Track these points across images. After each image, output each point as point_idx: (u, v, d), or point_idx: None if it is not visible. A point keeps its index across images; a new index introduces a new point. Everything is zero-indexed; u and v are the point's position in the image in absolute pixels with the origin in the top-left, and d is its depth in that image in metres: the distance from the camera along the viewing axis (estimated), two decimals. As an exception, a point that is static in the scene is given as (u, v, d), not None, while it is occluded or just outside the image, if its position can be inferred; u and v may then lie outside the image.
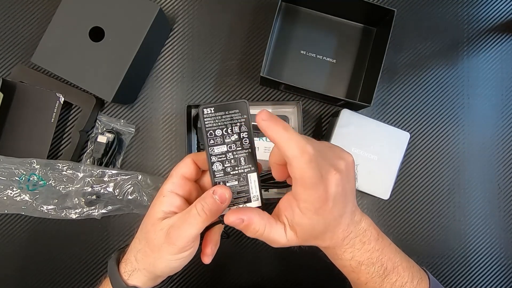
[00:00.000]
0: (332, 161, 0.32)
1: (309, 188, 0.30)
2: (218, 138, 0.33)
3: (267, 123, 0.30)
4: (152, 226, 0.34)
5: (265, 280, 0.57)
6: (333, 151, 0.34)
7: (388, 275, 0.36)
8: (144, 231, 0.35)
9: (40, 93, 0.54)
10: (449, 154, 0.59)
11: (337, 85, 0.58)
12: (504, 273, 0.58)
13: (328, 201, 0.31)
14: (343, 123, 0.53)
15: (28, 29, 0.59)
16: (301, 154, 0.29)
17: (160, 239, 0.33)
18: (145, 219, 0.36)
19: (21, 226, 0.57)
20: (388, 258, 0.36)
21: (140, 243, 0.36)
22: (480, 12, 0.61)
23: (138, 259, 0.36)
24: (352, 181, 0.34)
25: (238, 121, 0.33)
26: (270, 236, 0.33)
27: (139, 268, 0.36)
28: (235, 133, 0.33)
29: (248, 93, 0.59)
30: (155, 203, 0.35)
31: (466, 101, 0.60)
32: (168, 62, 0.59)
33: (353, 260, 0.35)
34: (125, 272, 0.36)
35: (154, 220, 0.34)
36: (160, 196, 0.35)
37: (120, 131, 0.58)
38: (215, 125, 0.33)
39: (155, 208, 0.35)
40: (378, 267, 0.35)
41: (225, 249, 0.57)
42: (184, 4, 0.59)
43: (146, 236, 0.35)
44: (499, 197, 0.59)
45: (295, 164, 0.29)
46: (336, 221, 0.33)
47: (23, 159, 0.53)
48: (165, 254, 0.34)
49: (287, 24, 0.58)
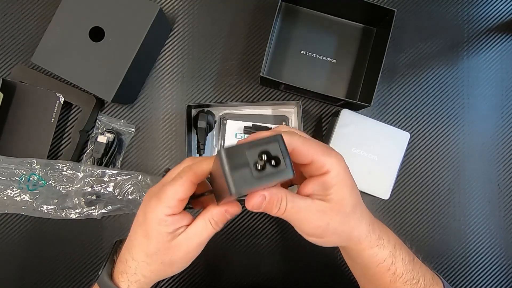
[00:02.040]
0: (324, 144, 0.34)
1: (326, 154, 0.30)
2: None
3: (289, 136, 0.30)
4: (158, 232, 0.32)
5: (265, 280, 0.57)
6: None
7: (413, 259, 0.36)
8: (145, 234, 0.33)
9: (40, 93, 0.54)
10: (449, 154, 0.59)
11: (337, 85, 0.58)
12: (504, 273, 0.58)
13: (348, 173, 0.32)
14: (343, 123, 0.53)
15: (28, 29, 0.59)
16: (289, 135, 0.30)
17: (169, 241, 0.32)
18: (144, 224, 0.33)
19: (21, 226, 0.57)
20: (403, 242, 0.37)
21: (141, 249, 0.33)
22: (480, 12, 0.61)
23: (141, 266, 0.33)
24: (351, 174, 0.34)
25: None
26: (296, 209, 0.30)
27: (143, 274, 0.34)
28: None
29: (248, 93, 0.59)
30: (154, 210, 0.32)
31: (466, 101, 0.60)
32: (168, 62, 0.59)
33: (391, 244, 0.35)
34: (123, 282, 0.34)
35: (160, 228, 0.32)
36: (158, 214, 0.32)
37: (120, 131, 0.58)
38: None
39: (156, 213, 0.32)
40: (404, 249, 0.35)
41: (226, 249, 0.57)
42: (184, 4, 0.59)
43: (150, 241, 0.32)
44: (499, 197, 0.59)
45: (296, 143, 0.30)
46: (360, 199, 0.33)
47: (23, 159, 0.53)
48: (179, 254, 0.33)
49: (287, 24, 0.58)
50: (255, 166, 0.25)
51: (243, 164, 0.24)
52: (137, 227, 0.33)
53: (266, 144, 0.25)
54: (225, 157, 0.24)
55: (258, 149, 0.25)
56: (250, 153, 0.25)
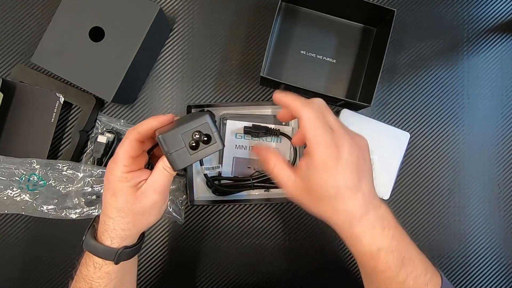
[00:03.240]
0: (350, 133, 0.36)
1: (321, 145, 0.33)
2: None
3: (278, 95, 0.37)
4: (119, 183, 0.37)
5: (265, 280, 0.57)
6: (351, 130, 0.37)
7: (405, 265, 0.36)
8: (112, 192, 0.37)
9: (40, 93, 0.54)
10: (449, 154, 0.59)
11: (337, 85, 0.58)
12: (504, 273, 0.58)
13: (339, 161, 0.33)
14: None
15: (28, 29, 0.59)
16: (305, 105, 0.34)
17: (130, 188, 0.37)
18: (110, 186, 0.38)
19: (21, 226, 0.57)
20: (405, 249, 0.36)
21: (115, 205, 0.37)
22: (480, 12, 0.61)
23: (117, 221, 0.38)
24: (368, 161, 0.36)
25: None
26: (280, 174, 0.36)
27: (121, 228, 0.38)
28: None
29: (248, 93, 0.59)
30: (112, 173, 0.37)
31: (466, 101, 0.60)
32: (168, 62, 0.59)
33: (373, 246, 0.35)
34: (106, 239, 0.38)
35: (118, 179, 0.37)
36: (116, 173, 0.37)
37: (120, 131, 0.58)
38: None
39: (114, 175, 0.37)
40: (396, 256, 0.35)
41: (226, 249, 0.57)
42: (184, 4, 0.59)
43: (115, 193, 0.37)
44: (499, 197, 0.59)
45: (304, 122, 0.34)
46: (349, 190, 0.34)
47: (23, 159, 0.53)
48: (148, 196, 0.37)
49: (287, 24, 0.58)
50: (190, 145, 0.29)
51: (179, 146, 0.30)
52: (105, 191, 0.38)
53: (197, 126, 0.30)
54: (163, 142, 0.29)
55: (191, 131, 0.30)
56: (184, 135, 0.30)
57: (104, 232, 0.38)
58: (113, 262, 0.38)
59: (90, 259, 0.38)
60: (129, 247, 0.39)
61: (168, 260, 0.57)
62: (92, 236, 0.39)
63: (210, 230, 0.58)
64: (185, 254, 0.57)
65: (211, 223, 0.58)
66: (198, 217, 0.58)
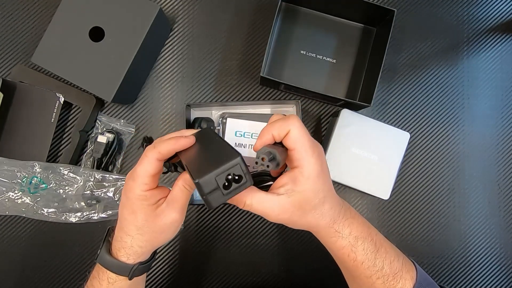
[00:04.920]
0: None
1: (309, 153, 0.34)
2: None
3: (257, 144, 0.36)
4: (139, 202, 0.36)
5: (265, 280, 0.57)
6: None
7: (379, 250, 0.37)
8: (131, 211, 0.37)
9: (40, 93, 0.54)
10: (449, 154, 0.59)
11: (337, 85, 0.58)
12: (504, 273, 0.58)
13: (323, 167, 0.35)
14: (343, 123, 0.53)
15: (28, 29, 0.59)
16: (288, 118, 0.34)
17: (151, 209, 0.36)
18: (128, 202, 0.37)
19: (21, 228, 0.57)
20: (374, 233, 0.38)
21: (134, 223, 0.37)
22: (480, 12, 0.61)
23: (136, 238, 0.37)
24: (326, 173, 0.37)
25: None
26: (260, 206, 0.35)
27: (139, 245, 0.37)
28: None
29: (248, 93, 0.59)
30: (132, 189, 0.36)
31: (466, 101, 0.60)
32: (168, 62, 0.59)
33: (351, 235, 0.37)
34: (122, 256, 0.38)
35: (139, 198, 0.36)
36: (135, 192, 0.36)
37: (120, 131, 0.58)
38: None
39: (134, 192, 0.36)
40: (370, 241, 0.37)
41: (226, 249, 0.57)
42: (184, 4, 0.59)
43: (135, 214, 0.36)
44: (499, 197, 0.59)
45: (295, 132, 0.34)
46: (330, 191, 0.36)
47: (25, 161, 0.53)
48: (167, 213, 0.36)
49: (287, 24, 0.58)
50: (223, 186, 0.31)
51: (213, 187, 0.31)
52: (123, 208, 0.37)
53: (230, 168, 0.31)
54: (202, 188, 0.31)
55: (225, 173, 0.31)
56: (219, 178, 0.31)
57: (121, 248, 0.38)
58: (127, 277, 0.38)
59: (104, 273, 0.38)
60: (143, 263, 0.39)
61: (169, 261, 0.57)
62: (107, 251, 0.38)
63: (209, 230, 0.58)
64: (185, 254, 0.57)
65: (211, 223, 0.58)
66: (198, 217, 0.58)
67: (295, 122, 0.34)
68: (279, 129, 0.35)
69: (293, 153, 0.34)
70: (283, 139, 0.35)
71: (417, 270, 0.38)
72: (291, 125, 0.34)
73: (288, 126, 0.34)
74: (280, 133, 0.35)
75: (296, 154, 0.34)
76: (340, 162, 0.52)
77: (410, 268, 0.38)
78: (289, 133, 0.34)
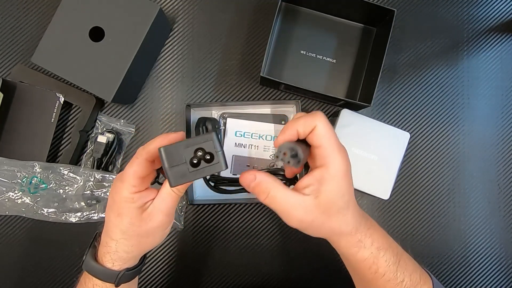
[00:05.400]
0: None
1: (335, 151, 0.32)
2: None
3: (280, 137, 0.33)
4: (126, 203, 0.34)
5: (265, 280, 0.57)
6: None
7: (400, 262, 0.36)
8: (117, 213, 0.35)
9: (40, 93, 0.54)
10: (449, 154, 0.59)
11: (337, 85, 0.58)
12: (504, 273, 0.58)
13: (349, 167, 0.33)
14: (343, 123, 0.53)
15: (28, 29, 0.59)
16: (314, 114, 0.32)
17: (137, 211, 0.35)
18: (114, 204, 0.35)
19: (21, 228, 0.57)
20: (394, 245, 0.37)
21: (119, 227, 0.35)
22: (480, 12, 0.61)
23: (120, 243, 0.36)
24: (350, 176, 0.36)
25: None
26: (284, 201, 0.32)
27: (124, 250, 0.36)
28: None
29: (248, 93, 0.59)
30: (118, 192, 0.34)
31: (466, 101, 0.60)
32: (168, 62, 0.59)
33: (373, 246, 0.35)
34: (107, 261, 0.36)
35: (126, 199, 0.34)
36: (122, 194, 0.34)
37: (120, 131, 0.58)
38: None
39: (120, 194, 0.34)
40: (391, 252, 0.35)
41: (226, 249, 0.57)
42: (184, 4, 0.59)
43: (121, 215, 0.35)
44: (499, 197, 0.59)
45: (321, 128, 0.32)
46: (354, 196, 0.34)
47: (25, 162, 0.53)
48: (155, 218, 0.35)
49: (287, 24, 0.58)
50: (191, 162, 0.28)
51: (180, 161, 0.28)
52: (109, 210, 0.36)
53: (201, 142, 0.28)
54: (164, 156, 0.28)
55: (194, 147, 0.28)
56: (186, 151, 0.28)
57: (106, 254, 0.36)
58: (113, 284, 0.37)
59: (90, 280, 0.37)
60: (131, 269, 0.38)
61: (168, 262, 0.57)
62: (92, 256, 0.37)
63: (209, 231, 0.58)
64: (184, 255, 0.57)
65: (211, 224, 0.58)
66: (198, 218, 0.58)
67: (322, 118, 0.32)
68: (305, 124, 0.32)
69: (319, 150, 0.32)
70: (308, 135, 0.33)
71: (433, 282, 0.38)
72: (317, 120, 0.32)
73: (314, 122, 0.32)
74: (305, 129, 0.32)
75: (323, 151, 0.32)
76: (340, 162, 0.52)
77: (427, 280, 0.37)
78: (315, 129, 0.32)
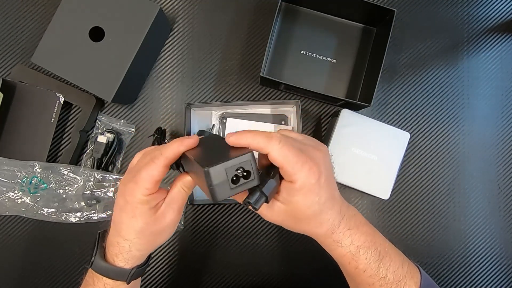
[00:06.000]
0: (313, 143, 0.37)
1: (296, 168, 0.33)
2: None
3: (234, 138, 0.34)
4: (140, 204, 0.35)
5: (265, 280, 0.57)
6: (310, 138, 0.38)
7: (383, 259, 0.37)
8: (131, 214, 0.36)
9: (40, 93, 0.54)
10: (449, 154, 0.59)
11: (337, 85, 0.58)
12: (504, 273, 0.58)
13: (320, 179, 0.34)
14: (343, 123, 0.53)
15: (28, 29, 0.59)
16: (269, 139, 0.33)
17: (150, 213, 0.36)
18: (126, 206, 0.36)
19: (21, 228, 0.57)
20: (379, 242, 0.37)
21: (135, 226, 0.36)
22: (480, 12, 0.61)
23: (134, 242, 0.37)
24: (331, 165, 0.37)
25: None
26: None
27: (137, 249, 0.37)
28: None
29: (248, 93, 0.59)
30: (133, 193, 0.35)
31: (466, 101, 0.60)
32: (168, 62, 0.59)
33: (352, 245, 0.36)
34: (120, 261, 0.37)
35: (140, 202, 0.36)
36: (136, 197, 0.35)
37: (120, 131, 0.58)
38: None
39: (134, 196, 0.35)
40: (373, 251, 0.36)
41: (226, 249, 0.57)
42: (184, 4, 0.59)
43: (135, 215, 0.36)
44: (499, 197, 0.59)
45: (275, 154, 0.32)
46: (328, 202, 0.35)
47: (25, 161, 0.53)
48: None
49: (287, 24, 0.58)
50: (232, 180, 0.31)
51: (222, 179, 0.31)
52: (121, 212, 0.37)
53: (241, 162, 0.32)
54: (212, 176, 0.30)
55: (235, 167, 0.31)
56: (229, 170, 0.31)
57: (119, 254, 0.37)
58: (125, 282, 0.38)
59: (99, 280, 0.38)
60: (140, 266, 0.39)
61: (168, 262, 0.57)
62: (101, 257, 0.38)
63: (209, 231, 0.58)
64: (184, 255, 0.57)
65: (211, 224, 0.58)
66: (198, 218, 0.58)
67: (274, 145, 0.33)
68: (259, 149, 0.33)
69: (282, 170, 0.33)
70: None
71: (422, 275, 0.38)
72: (269, 148, 0.33)
73: (267, 149, 0.33)
74: (260, 152, 0.33)
75: (285, 171, 0.33)
76: (340, 162, 0.52)
77: (415, 274, 0.38)
78: (269, 155, 0.33)
